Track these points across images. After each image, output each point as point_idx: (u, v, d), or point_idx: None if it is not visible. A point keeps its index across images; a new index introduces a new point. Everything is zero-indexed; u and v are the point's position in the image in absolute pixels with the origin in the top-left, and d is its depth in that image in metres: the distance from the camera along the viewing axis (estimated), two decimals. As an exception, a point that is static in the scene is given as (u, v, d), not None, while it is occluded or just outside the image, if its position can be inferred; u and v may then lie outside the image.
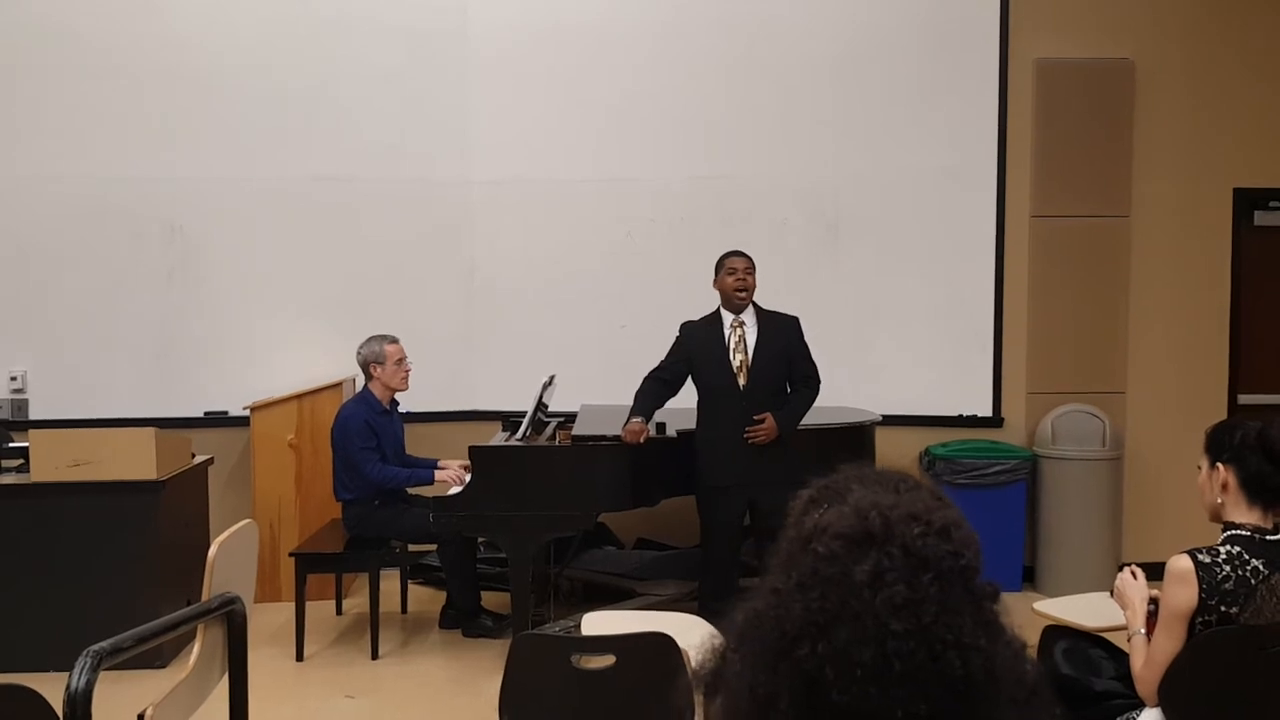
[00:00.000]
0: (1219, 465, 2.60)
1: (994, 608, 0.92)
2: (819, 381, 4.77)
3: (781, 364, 4.71)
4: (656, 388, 4.74)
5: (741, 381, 4.64)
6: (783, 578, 0.91)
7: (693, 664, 0.99)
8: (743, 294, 4.68)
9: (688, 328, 4.80)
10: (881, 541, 0.89)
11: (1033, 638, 3.01)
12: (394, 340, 5.21)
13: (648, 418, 4.69)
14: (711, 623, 1.02)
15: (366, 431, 5.04)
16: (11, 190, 5.92)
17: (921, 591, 0.87)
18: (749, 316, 4.72)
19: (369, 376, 5.19)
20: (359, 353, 5.22)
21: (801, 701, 0.86)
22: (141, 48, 5.95)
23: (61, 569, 4.61)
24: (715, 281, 4.76)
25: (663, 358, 4.78)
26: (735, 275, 4.67)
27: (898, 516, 0.91)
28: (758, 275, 4.74)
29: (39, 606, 4.56)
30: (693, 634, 1.04)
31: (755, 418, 4.58)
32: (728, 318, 4.72)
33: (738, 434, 4.58)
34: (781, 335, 4.71)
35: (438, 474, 5.15)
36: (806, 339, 4.77)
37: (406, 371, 5.22)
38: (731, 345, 4.68)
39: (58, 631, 4.34)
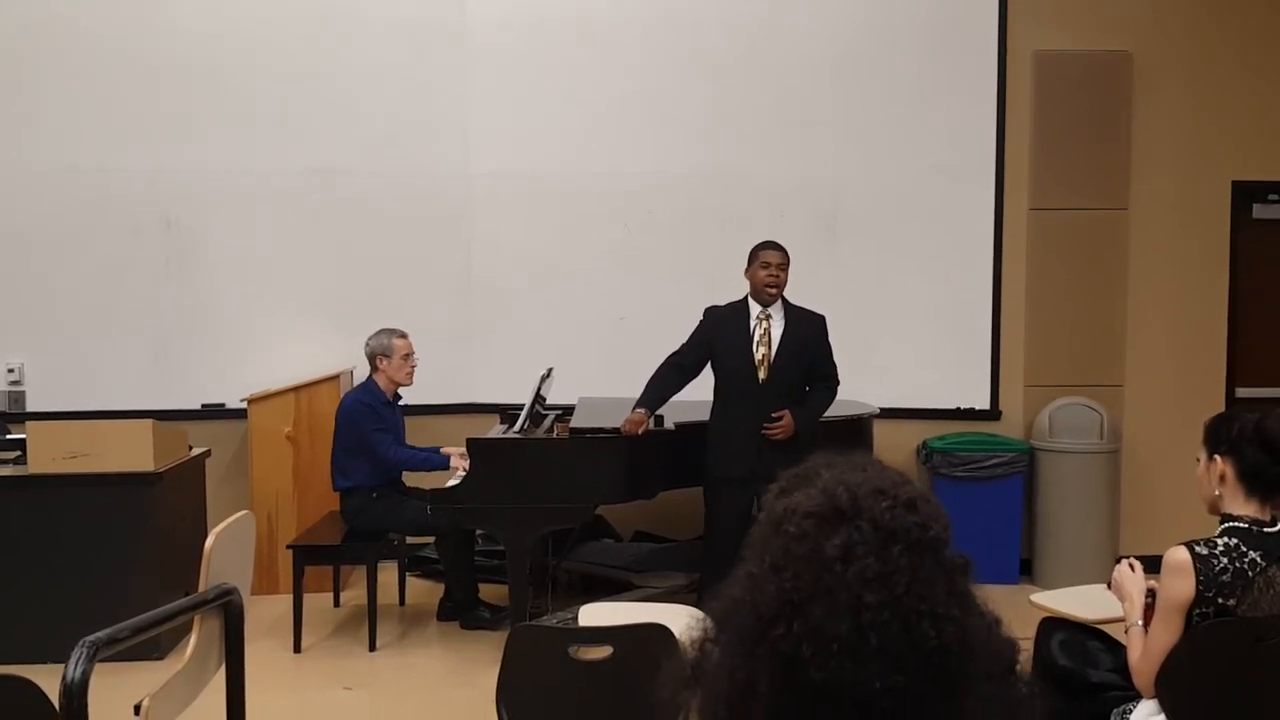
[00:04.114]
0: (1217, 457, 2.60)
1: (965, 580, 0.92)
2: (838, 383, 4.72)
3: (803, 362, 4.64)
4: (672, 375, 4.68)
5: (761, 375, 4.58)
6: (756, 562, 0.92)
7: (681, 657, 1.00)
8: (773, 290, 4.61)
9: (712, 313, 4.73)
10: (850, 517, 0.90)
11: (1030, 629, 3.02)
12: (403, 335, 5.21)
13: (652, 410, 4.67)
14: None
15: (375, 416, 5.05)
16: (8, 182, 5.90)
17: (892, 564, 0.88)
18: (776, 311, 4.65)
19: (374, 368, 5.19)
20: (367, 344, 5.22)
21: (780, 683, 0.87)
22: (139, 40, 5.93)
23: (58, 560, 4.60)
24: (746, 271, 4.67)
25: (681, 344, 4.73)
26: (769, 270, 4.59)
27: (864, 492, 0.92)
28: None
29: (36, 597, 4.56)
30: (685, 625, 1.04)
31: (774, 415, 4.54)
32: (754, 309, 4.65)
33: (751, 427, 4.53)
34: (807, 333, 4.65)
35: (453, 460, 5.07)
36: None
37: (412, 367, 5.22)
38: (756, 337, 4.61)
39: (54, 622, 4.31)
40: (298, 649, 4.83)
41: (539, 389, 5.14)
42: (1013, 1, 5.95)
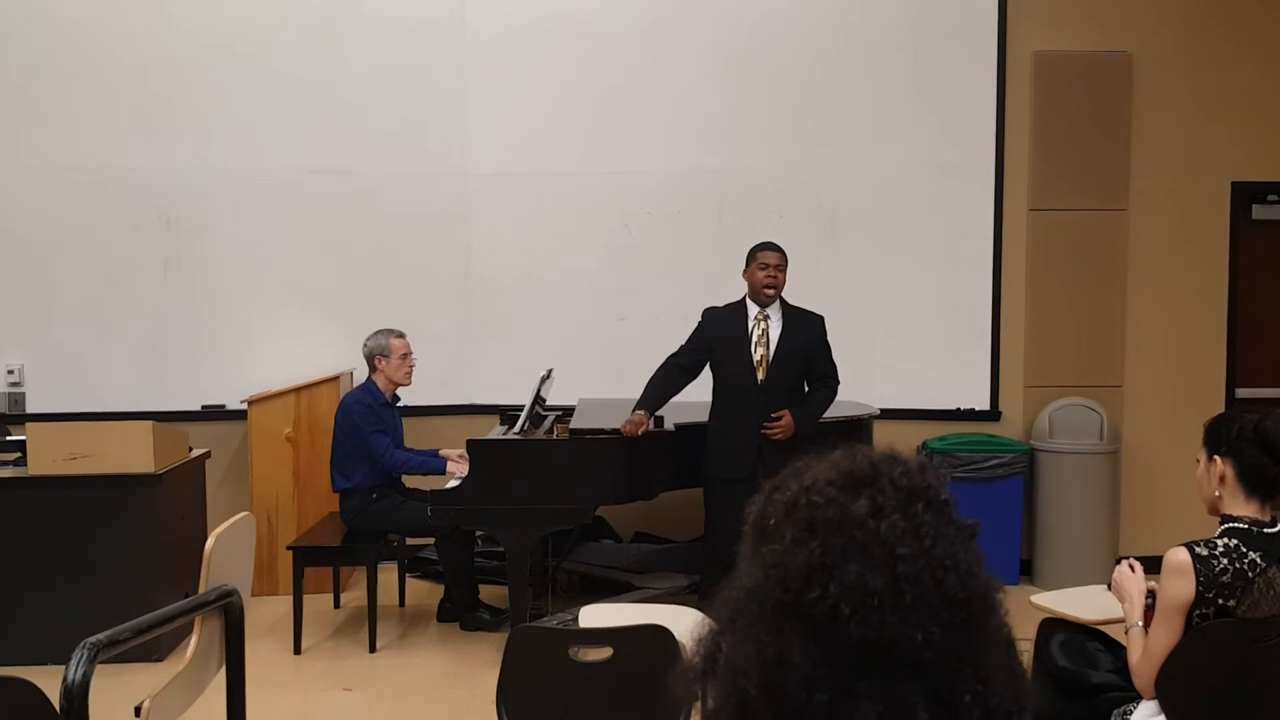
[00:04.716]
0: (1217, 458, 2.60)
1: (975, 542, 0.95)
2: (837, 382, 4.71)
3: (802, 362, 4.64)
4: (672, 375, 4.68)
5: (760, 376, 4.58)
6: (774, 545, 0.92)
7: (685, 656, 0.99)
8: (771, 291, 4.61)
9: (710, 314, 4.74)
10: (870, 481, 0.93)
11: (1030, 631, 3.02)
12: (400, 335, 5.21)
13: (651, 411, 4.66)
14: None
15: (374, 416, 5.05)
16: (7, 182, 5.90)
17: (918, 519, 0.90)
18: (774, 311, 4.65)
19: (373, 368, 5.19)
20: (365, 344, 5.22)
21: (817, 651, 0.87)
22: (138, 38, 5.93)
23: (59, 562, 4.60)
24: (745, 272, 4.67)
25: (680, 345, 4.73)
26: (767, 271, 4.59)
27: (879, 458, 0.96)
28: None
29: (36, 599, 4.56)
30: (686, 626, 1.04)
31: (773, 415, 4.53)
32: (752, 309, 4.66)
33: (751, 428, 4.52)
34: (805, 333, 4.64)
35: (450, 465, 5.10)
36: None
37: (410, 366, 5.22)
38: (754, 338, 4.61)
39: (55, 624, 4.34)
40: (298, 650, 4.83)
41: (539, 390, 5.14)
42: (1012, 1, 5.95)
